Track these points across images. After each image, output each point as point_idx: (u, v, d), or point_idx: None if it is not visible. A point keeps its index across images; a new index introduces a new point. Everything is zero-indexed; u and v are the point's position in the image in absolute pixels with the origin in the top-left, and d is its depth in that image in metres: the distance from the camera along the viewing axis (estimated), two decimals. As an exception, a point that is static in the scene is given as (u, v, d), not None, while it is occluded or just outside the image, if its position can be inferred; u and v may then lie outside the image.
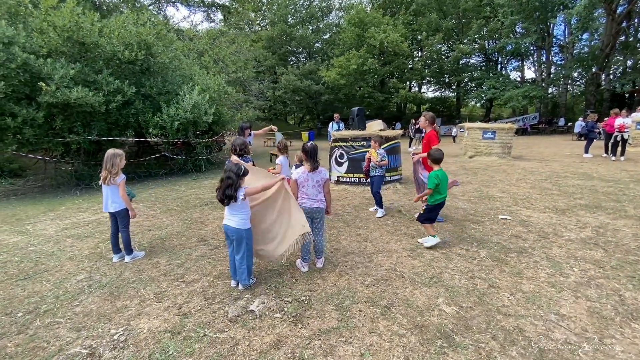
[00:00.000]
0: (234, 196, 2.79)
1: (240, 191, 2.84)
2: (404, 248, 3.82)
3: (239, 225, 2.89)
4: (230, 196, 2.78)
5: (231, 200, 2.80)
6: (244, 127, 6.34)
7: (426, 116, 4.73)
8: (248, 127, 6.34)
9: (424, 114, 4.78)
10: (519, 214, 4.97)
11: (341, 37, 30.96)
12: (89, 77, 7.97)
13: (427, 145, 4.62)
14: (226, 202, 2.82)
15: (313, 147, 3.11)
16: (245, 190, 2.87)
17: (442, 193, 3.74)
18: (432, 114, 4.79)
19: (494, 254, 3.59)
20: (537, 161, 10.76)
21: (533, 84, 29.10)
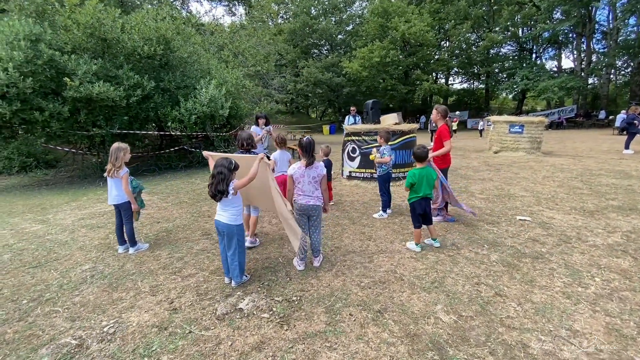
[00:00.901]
0: (225, 191, 2.73)
1: (231, 185, 2.78)
2: (407, 249, 3.63)
3: (230, 220, 2.84)
4: (222, 191, 2.73)
5: (223, 195, 2.75)
6: (258, 117, 6.17)
7: (438, 109, 4.44)
8: (263, 117, 6.12)
9: (436, 106, 4.49)
10: (540, 215, 4.61)
11: (364, 28, 30.30)
12: (110, 72, 8.24)
13: (438, 141, 4.35)
14: (218, 198, 2.77)
15: (308, 142, 2.99)
16: (234, 185, 2.81)
17: (417, 192, 3.50)
18: (445, 107, 4.49)
19: (505, 258, 3.33)
20: (569, 157, 10.01)
21: (571, 74, 27.18)
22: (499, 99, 41.12)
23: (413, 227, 3.62)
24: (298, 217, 3.16)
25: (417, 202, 3.52)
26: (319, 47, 36.90)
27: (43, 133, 8.02)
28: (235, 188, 2.81)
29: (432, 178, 3.54)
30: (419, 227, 3.54)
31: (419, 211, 3.52)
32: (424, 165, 3.55)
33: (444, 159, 4.43)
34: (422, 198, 3.51)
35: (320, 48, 37.14)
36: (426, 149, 3.56)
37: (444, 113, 4.40)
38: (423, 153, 3.52)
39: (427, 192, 3.51)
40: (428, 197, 3.55)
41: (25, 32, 7.09)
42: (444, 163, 4.45)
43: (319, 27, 31.98)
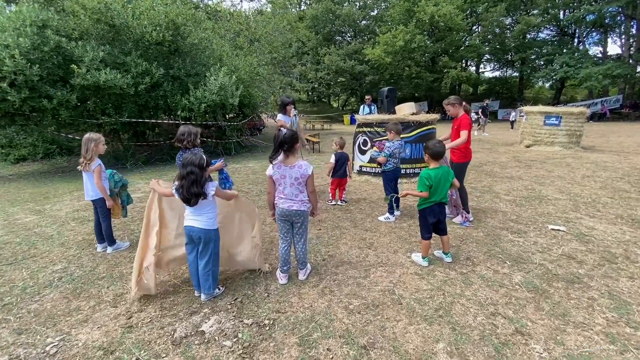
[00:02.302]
0: (201, 193, 2.33)
1: (210, 186, 2.37)
2: (412, 262, 3.10)
3: (207, 225, 2.44)
4: (197, 194, 2.32)
5: (199, 198, 2.35)
6: (285, 102, 4.83)
7: (450, 102, 3.83)
8: (290, 102, 4.83)
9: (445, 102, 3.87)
10: (578, 224, 3.90)
11: (389, 12, 28.88)
12: (118, 59, 8.06)
13: (456, 133, 3.74)
14: (193, 202, 2.36)
15: (283, 136, 2.49)
16: (216, 187, 2.41)
17: (430, 197, 2.92)
18: (454, 96, 3.87)
19: (532, 280, 2.73)
20: (613, 153, 8.90)
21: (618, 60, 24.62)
22: (535, 88, 38.32)
23: (421, 238, 3.07)
24: (279, 223, 2.71)
25: (429, 209, 2.96)
26: (342, 33, 35.71)
27: (53, 121, 8.02)
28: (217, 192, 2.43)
29: (449, 179, 2.95)
30: (428, 239, 2.99)
31: (431, 220, 2.96)
32: (440, 164, 2.97)
33: (465, 152, 3.83)
34: (435, 204, 2.95)
35: (343, 35, 35.95)
36: (443, 144, 2.97)
37: (459, 102, 3.77)
38: (439, 150, 2.92)
39: (442, 196, 2.94)
40: (443, 203, 2.98)
41: (32, 18, 6.98)
42: (464, 157, 3.85)
43: (342, 13, 30.81)
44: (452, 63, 27.09)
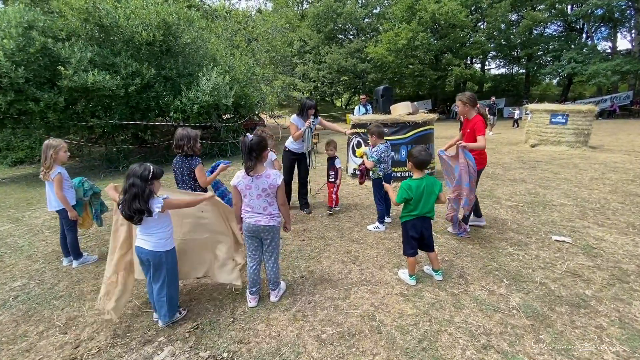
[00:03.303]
0: (145, 210, 2.06)
1: (156, 202, 2.10)
2: (399, 279, 2.81)
3: (156, 246, 2.17)
4: (140, 210, 2.05)
5: (143, 215, 2.08)
6: (306, 106, 4.21)
7: (463, 98, 3.41)
8: (312, 106, 4.25)
9: (459, 96, 3.45)
10: (585, 235, 3.56)
11: (392, 10, 28.43)
12: (107, 60, 7.85)
13: (470, 136, 3.39)
14: (137, 219, 2.09)
15: (250, 142, 2.21)
16: (165, 201, 2.13)
17: (413, 210, 2.61)
18: (471, 93, 3.48)
19: (532, 303, 2.42)
20: (623, 153, 8.47)
21: (627, 55, 23.92)
22: (542, 85, 37.55)
23: (404, 254, 2.77)
24: (246, 240, 2.43)
25: (411, 223, 2.65)
26: (344, 32, 35.32)
27: (42, 124, 7.85)
28: (166, 206, 2.13)
29: (434, 191, 2.64)
30: (413, 255, 2.69)
31: (412, 234, 2.66)
32: (424, 174, 2.67)
33: (480, 158, 3.47)
34: (418, 218, 2.64)
35: (345, 33, 35.56)
36: (429, 152, 2.66)
37: (472, 101, 3.39)
38: (424, 158, 2.62)
39: (426, 210, 2.63)
40: (427, 217, 2.67)
41: (17, 19, 6.79)
42: (480, 163, 3.47)
43: (343, 11, 30.43)
44: (456, 60, 26.56)
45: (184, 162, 2.79)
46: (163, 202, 2.12)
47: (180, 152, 2.78)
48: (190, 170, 2.75)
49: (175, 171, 2.86)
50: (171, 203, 2.20)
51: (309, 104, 4.27)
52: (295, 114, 4.40)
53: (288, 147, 4.48)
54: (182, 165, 2.79)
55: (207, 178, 2.78)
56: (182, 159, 2.80)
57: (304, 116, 4.29)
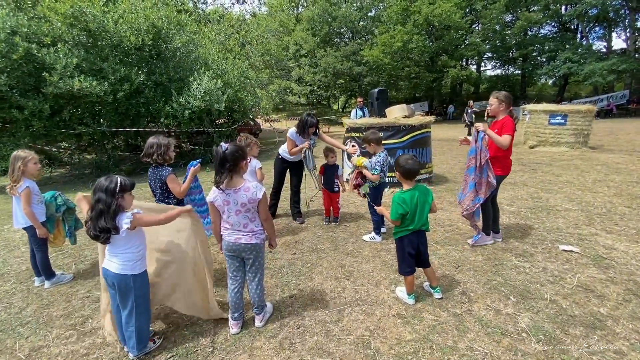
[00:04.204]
0: (112, 227, 1.84)
1: (123, 217, 1.87)
2: (396, 299, 2.58)
3: (123, 269, 1.94)
4: (106, 229, 1.83)
5: (110, 233, 1.85)
6: (308, 124, 3.89)
7: (499, 97, 3.13)
8: (314, 125, 3.93)
9: (496, 94, 3.17)
10: (594, 243, 3.35)
11: (386, 12, 28.42)
12: (94, 66, 7.64)
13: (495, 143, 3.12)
14: (103, 238, 1.87)
15: (224, 152, 1.99)
16: (135, 216, 1.90)
17: (408, 224, 2.39)
18: (507, 93, 3.20)
19: (542, 325, 2.20)
20: (624, 153, 8.31)
21: (623, 55, 23.95)
22: (537, 86, 37.60)
23: (400, 273, 2.55)
24: (227, 259, 2.21)
25: (407, 239, 2.43)
26: (339, 35, 35.29)
27: (27, 132, 7.60)
28: (135, 222, 1.90)
29: (427, 200, 2.43)
30: (410, 274, 2.46)
31: (410, 251, 2.43)
32: (414, 184, 2.45)
33: (504, 164, 3.21)
34: (414, 232, 2.42)
35: (340, 36, 35.52)
36: (416, 160, 2.45)
37: (508, 100, 3.12)
38: (412, 167, 2.40)
39: (421, 222, 2.41)
40: (423, 230, 2.45)
41: (0, 25, 6.58)
42: (502, 169, 3.22)
43: (338, 14, 30.40)
44: (452, 62, 26.52)
45: (154, 172, 2.57)
46: (132, 217, 1.89)
47: (150, 161, 2.56)
48: (162, 181, 2.53)
49: (149, 183, 2.64)
50: (142, 219, 1.96)
51: (310, 121, 3.92)
52: (293, 129, 4.04)
53: (281, 155, 4.25)
54: (154, 175, 2.56)
55: (182, 187, 2.54)
56: (153, 169, 2.58)
57: (305, 134, 3.97)
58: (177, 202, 2.62)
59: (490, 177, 3.02)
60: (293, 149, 4.07)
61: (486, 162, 3.02)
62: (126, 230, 1.87)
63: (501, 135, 3.00)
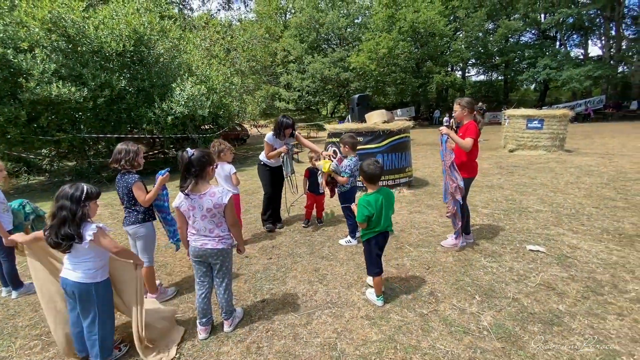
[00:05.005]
0: (75, 235, 1.83)
1: (88, 227, 1.86)
2: (366, 300, 2.62)
3: (84, 277, 1.92)
4: (69, 236, 1.82)
5: (72, 241, 1.84)
6: (283, 125, 3.93)
7: (461, 103, 3.26)
8: (289, 125, 3.97)
9: (458, 100, 3.30)
10: (560, 243, 3.47)
11: (372, 19, 28.91)
12: (73, 71, 7.53)
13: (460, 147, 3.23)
14: (65, 247, 1.85)
15: (190, 157, 2.01)
16: (99, 231, 1.88)
17: (375, 226, 2.47)
18: (470, 99, 3.33)
19: (503, 322, 2.27)
20: (597, 156, 8.62)
21: (599, 61, 24.88)
22: (520, 91, 38.67)
23: (369, 274, 2.60)
24: (194, 265, 2.21)
25: (375, 240, 2.49)
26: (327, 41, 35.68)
27: (3, 139, 7.42)
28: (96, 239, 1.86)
29: (391, 202, 2.52)
30: (378, 274, 2.52)
31: (377, 251, 2.49)
32: (378, 187, 2.52)
33: (470, 167, 3.31)
34: (381, 234, 2.49)
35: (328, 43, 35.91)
36: (380, 165, 2.52)
37: (470, 106, 3.23)
38: (375, 171, 2.48)
39: (387, 224, 2.48)
40: (387, 232, 2.52)
41: (-28, 30, 6.45)
42: (469, 172, 3.32)
43: (325, 21, 30.78)
44: (437, 68, 27.09)
45: (121, 178, 2.56)
46: (97, 230, 1.88)
47: (118, 167, 2.55)
48: (128, 188, 2.52)
49: (117, 190, 2.63)
50: (101, 240, 1.89)
51: (285, 122, 3.94)
52: (270, 133, 4.07)
53: (263, 161, 4.21)
54: (121, 182, 2.56)
55: (147, 195, 2.53)
56: (121, 176, 2.57)
57: (281, 136, 4.00)
58: (145, 211, 2.61)
59: (458, 180, 3.11)
60: (270, 153, 4.06)
61: (452, 164, 3.12)
62: (89, 242, 1.85)
63: (464, 138, 3.11)
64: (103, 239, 1.89)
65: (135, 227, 2.57)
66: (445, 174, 3.23)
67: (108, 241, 1.91)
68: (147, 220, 2.65)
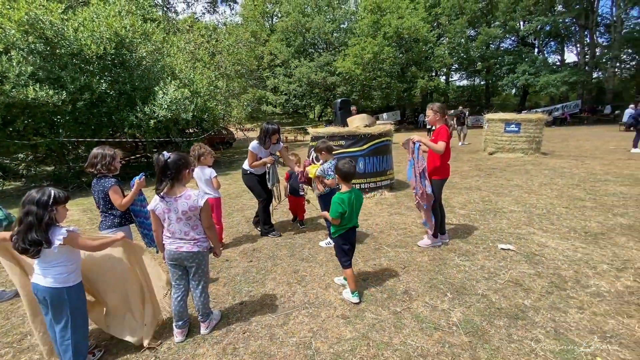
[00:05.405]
0: (43, 240, 1.82)
1: (57, 232, 1.85)
2: (343, 300, 2.69)
3: (56, 282, 1.91)
4: (36, 242, 1.81)
5: (40, 246, 1.83)
6: (270, 132, 3.82)
7: (433, 108, 3.40)
8: (276, 131, 3.88)
9: (430, 106, 3.44)
10: (530, 242, 3.63)
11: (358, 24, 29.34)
12: (51, 74, 7.38)
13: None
14: (32, 252, 1.84)
15: (166, 160, 2.05)
16: (70, 234, 1.88)
17: (346, 223, 2.62)
18: (441, 104, 3.46)
19: (472, 318, 2.37)
20: (571, 158, 8.98)
21: (574, 67, 25.92)
22: (502, 95, 39.84)
23: (342, 268, 2.71)
24: (169, 268, 2.23)
25: (345, 235, 2.67)
26: (313, 45, 35.96)
27: (-24, 144, 7.20)
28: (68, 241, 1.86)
29: (361, 202, 2.71)
30: (349, 265, 2.68)
31: (347, 246, 2.68)
32: (351, 186, 2.66)
33: (443, 168, 3.45)
34: (350, 229, 2.67)
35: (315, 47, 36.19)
36: (353, 164, 2.66)
37: (441, 111, 3.38)
38: (349, 170, 2.62)
39: (355, 220, 2.69)
40: (355, 227, 2.71)
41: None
42: (442, 173, 3.46)
43: (312, 25, 31.04)
44: (421, 73, 27.66)
45: (97, 183, 2.56)
46: (67, 234, 1.88)
47: (94, 172, 2.55)
48: (104, 192, 2.52)
49: (93, 194, 2.62)
50: (75, 240, 1.91)
51: (272, 129, 3.80)
52: (255, 142, 3.90)
53: (249, 170, 4.04)
54: (97, 187, 2.55)
55: (124, 200, 2.54)
56: (97, 180, 2.56)
57: (267, 143, 3.86)
58: (121, 215, 2.61)
59: (427, 187, 3.24)
60: (255, 163, 3.90)
61: (423, 171, 3.24)
62: (58, 246, 1.85)
63: (437, 142, 3.23)
64: (75, 240, 1.90)
65: (111, 231, 2.56)
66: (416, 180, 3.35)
67: (82, 241, 1.93)
68: (124, 224, 2.64)
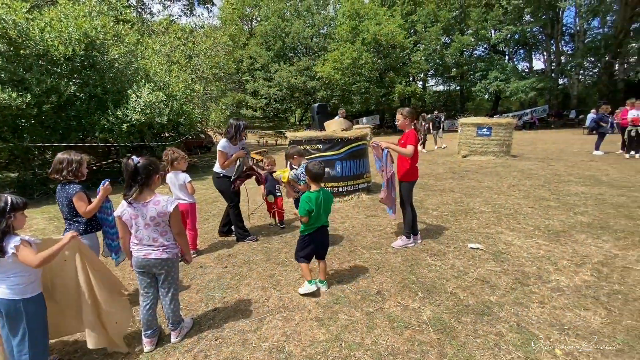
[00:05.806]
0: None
1: (11, 240, 1.77)
2: (317, 302, 2.70)
3: (12, 293, 1.83)
4: None
5: None
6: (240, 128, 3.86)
7: (403, 112, 3.50)
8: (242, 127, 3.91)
9: (400, 110, 3.54)
10: (497, 241, 3.79)
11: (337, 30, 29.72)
12: (15, 76, 7.03)
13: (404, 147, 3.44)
14: None
15: (135, 165, 2.01)
16: (21, 244, 1.78)
17: (314, 222, 2.72)
18: (410, 109, 3.58)
19: (441, 315, 2.45)
20: (538, 160, 9.44)
21: (542, 74, 27.37)
22: (476, 100, 41.41)
23: (298, 262, 2.84)
24: (137, 276, 2.18)
25: (312, 235, 2.75)
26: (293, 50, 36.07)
27: None
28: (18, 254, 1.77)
29: (329, 202, 2.79)
30: (306, 262, 2.78)
31: (312, 245, 2.77)
32: (320, 187, 2.74)
33: (412, 171, 3.55)
34: (318, 229, 2.76)
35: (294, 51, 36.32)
36: (323, 166, 2.75)
37: (410, 115, 3.48)
38: (319, 171, 2.72)
39: (324, 220, 2.77)
40: (325, 226, 2.80)
41: None
42: (411, 175, 3.57)
43: (291, 30, 31.17)
44: (399, 78, 28.31)
45: (62, 189, 2.46)
46: (20, 244, 1.78)
47: (60, 178, 2.45)
48: (69, 199, 2.43)
49: (57, 201, 2.52)
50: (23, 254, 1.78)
51: (243, 125, 3.83)
52: (223, 140, 3.86)
53: (221, 173, 3.97)
54: (61, 193, 2.46)
55: (89, 207, 2.45)
56: (62, 187, 2.47)
57: (237, 139, 3.87)
58: (87, 222, 2.52)
59: (393, 193, 3.37)
60: (227, 162, 3.87)
61: (392, 176, 3.36)
62: (11, 253, 1.77)
63: (406, 146, 3.34)
64: (23, 252, 1.77)
65: (76, 239, 2.47)
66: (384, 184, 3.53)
67: (26, 254, 1.78)
68: (90, 231, 2.56)
